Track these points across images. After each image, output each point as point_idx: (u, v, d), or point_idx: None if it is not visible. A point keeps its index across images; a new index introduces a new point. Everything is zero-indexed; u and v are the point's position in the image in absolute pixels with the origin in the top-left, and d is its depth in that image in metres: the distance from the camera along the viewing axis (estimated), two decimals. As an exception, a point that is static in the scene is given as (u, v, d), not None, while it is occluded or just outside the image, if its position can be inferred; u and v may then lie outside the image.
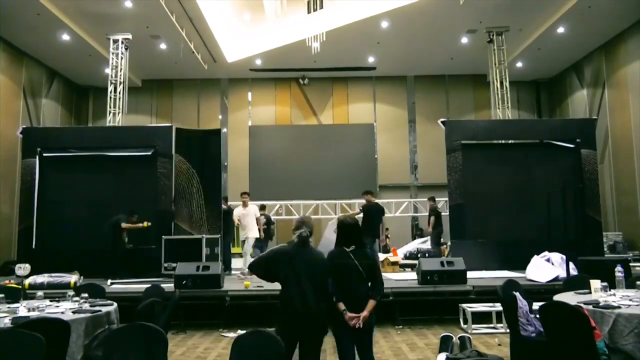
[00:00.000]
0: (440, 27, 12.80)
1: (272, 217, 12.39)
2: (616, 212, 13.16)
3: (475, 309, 6.64)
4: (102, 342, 3.51)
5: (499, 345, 5.71)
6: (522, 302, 4.32)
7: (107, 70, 12.67)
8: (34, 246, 9.29)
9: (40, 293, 4.70)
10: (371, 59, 15.17)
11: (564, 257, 7.75)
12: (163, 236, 8.84)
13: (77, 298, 4.44)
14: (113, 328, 4.13)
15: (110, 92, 12.36)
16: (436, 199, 11.96)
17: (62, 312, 4.01)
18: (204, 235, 9.05)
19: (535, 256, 8.00)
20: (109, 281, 7.79)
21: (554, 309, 3.63)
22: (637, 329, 3.39)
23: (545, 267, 7.60)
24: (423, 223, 13.45)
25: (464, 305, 6.75)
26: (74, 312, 4.00)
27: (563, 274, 7.16)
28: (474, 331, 6.48)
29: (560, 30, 12.54)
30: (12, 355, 2.64)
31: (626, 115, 12.60)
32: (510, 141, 10.27)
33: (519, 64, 14.95)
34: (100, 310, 4.13)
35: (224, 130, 16.54)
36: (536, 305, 4.07)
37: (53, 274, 7.03)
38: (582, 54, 14.31)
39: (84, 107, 16.71)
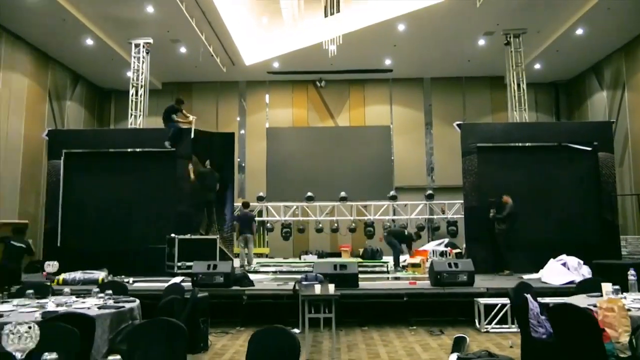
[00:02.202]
0: (457, 29, 12.82)
1: (289, 219, 12.60)
2: (636, 215, 12.98)
3: (488, 301, 6.73)
4: (126, 336, 3.68)
5: (511, 347, 5.76)
6: (533, 304, 4.37)
7: (129, 74, 12.98)
8: (59, 244, 9.62)
9: (67, 290, 4.92)
10: (388, 62, 15.24)
11: (581, 261, 7.75)
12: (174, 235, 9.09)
13: (102, 294, 4.65)
14: (136, 323, 4.32)
15: (132, 95, 12.65)
16: (451, 202, 12.04)
17: (88, 308, 4.21)
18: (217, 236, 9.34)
19: (552, 259, 8.00)
20: (131, 279, 8.05)
21: (563, 311, 3.70)
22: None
23: (561, 271, 7.61)
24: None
25: (479, 300, 6.83)
26: (99, 308, 4.20)
27: (579, 279, 7.14)
28: (489, 330, 6.55)
29: (579, 31, 12.44)
30: (50, 346, 2.82)
31: (647, 118, 12.45)
32: (526, 144, 10.24)
33: (537, 66, 14.85)
34: (124, 307, 4.32)
35: (242, 131, 16.79)
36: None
37: (85, 271, 7.42)
38: (602, 55, 14.15)
39: (106, 109, 17.13)
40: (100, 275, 7.46)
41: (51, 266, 5.63)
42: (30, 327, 2.16)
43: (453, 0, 11.34)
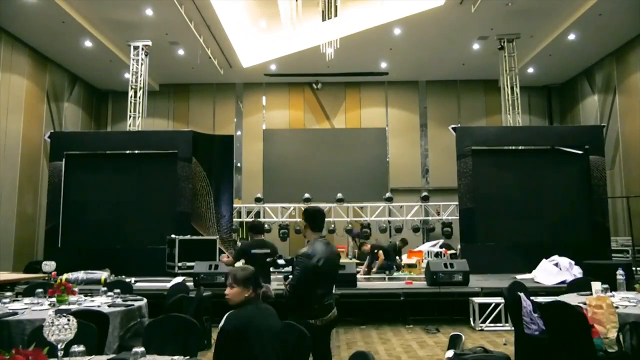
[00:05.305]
0: (452, 34, 13.03)
1: (287, 220, 12.71)
2: (626, 216, 13.24)
3: (483, 300, 6.94)
4: (139, 333, 3.83)
5: (505, 345, 5.95)
6: (526, 302, 4.57)
7: (127, 75, 13.09)
8: (59, 245, 9.73)
9: (75, 289, 5.04)
10: (384, 65, 15.43)
11: (572, 262, 7.98)
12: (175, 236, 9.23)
13: (110, 293, 4.79)
14: (144, 321, 4.47)
15: (131, 97, 12.76)
16: (446, 203, 12.24)
17: (99, 306, 4.35)
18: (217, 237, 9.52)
19: (544, 260, 8.22)
20: (132, 279, 8.16)
21: (554, 307, 3.89)
22: (627, 327, 3.64)
23: (553, 271, 7.82)
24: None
25: (474, 299, 7.04)
26: (109, 306, 4.34)
27: (570, 279, 7.35)
28: (484, 328, 6.74)
29: (571, 37, 12.69)
30: (69, 342, 2.96)
31: (637, 121, 12.71)
32: (519, 147, 10.48)
33: (530, 70, 15.11)
34: (133, 305, 4.47)
35: (239, 133, 16.92)
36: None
37: (87, 271, 7.51)
38: (593, 60, 14.43)
39: (103, 110, 17.19)
40: (103, 275, 7.59)
41: (48, 265, 5.85)
42: (69, 320, 2.32)
43: (448, 5, 11.55)
